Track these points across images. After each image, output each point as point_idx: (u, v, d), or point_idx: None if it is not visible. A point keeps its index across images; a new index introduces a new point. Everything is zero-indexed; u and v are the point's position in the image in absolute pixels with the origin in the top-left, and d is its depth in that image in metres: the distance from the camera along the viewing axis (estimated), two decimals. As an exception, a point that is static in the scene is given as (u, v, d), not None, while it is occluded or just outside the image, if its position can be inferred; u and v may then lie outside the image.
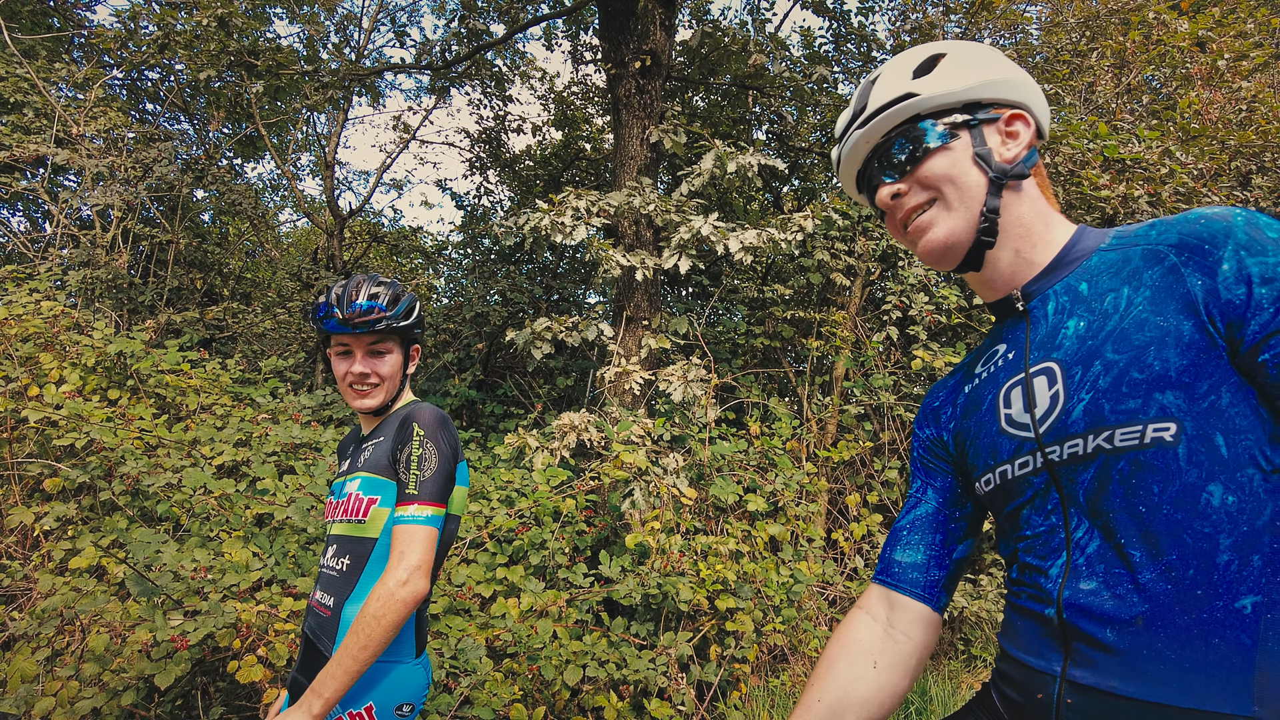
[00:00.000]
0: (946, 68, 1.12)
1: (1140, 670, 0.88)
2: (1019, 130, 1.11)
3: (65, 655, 3.07)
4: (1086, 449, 0.95)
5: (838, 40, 7.15)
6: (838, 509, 5.47)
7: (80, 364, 4.37)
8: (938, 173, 1.09)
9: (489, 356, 7.40)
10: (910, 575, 1.24)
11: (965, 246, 1.11)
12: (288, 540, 3.52)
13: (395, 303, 1.85)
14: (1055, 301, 1.07)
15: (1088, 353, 0.98)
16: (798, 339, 6.24)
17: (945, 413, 1.27)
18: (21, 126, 6.58)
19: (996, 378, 1.14)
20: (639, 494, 4.23)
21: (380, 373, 1.86)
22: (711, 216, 4.59)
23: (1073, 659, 0.95)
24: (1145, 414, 0.90)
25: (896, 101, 1.12)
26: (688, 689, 3.62)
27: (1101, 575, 0.93)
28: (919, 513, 1.28)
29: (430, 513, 1.66)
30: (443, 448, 1.73)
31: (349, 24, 9.35)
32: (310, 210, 10.15)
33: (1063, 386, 1.00)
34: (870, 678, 1.19)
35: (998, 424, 1.10)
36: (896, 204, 1.15)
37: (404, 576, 1.58)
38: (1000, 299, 1.15)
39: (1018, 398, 1.07)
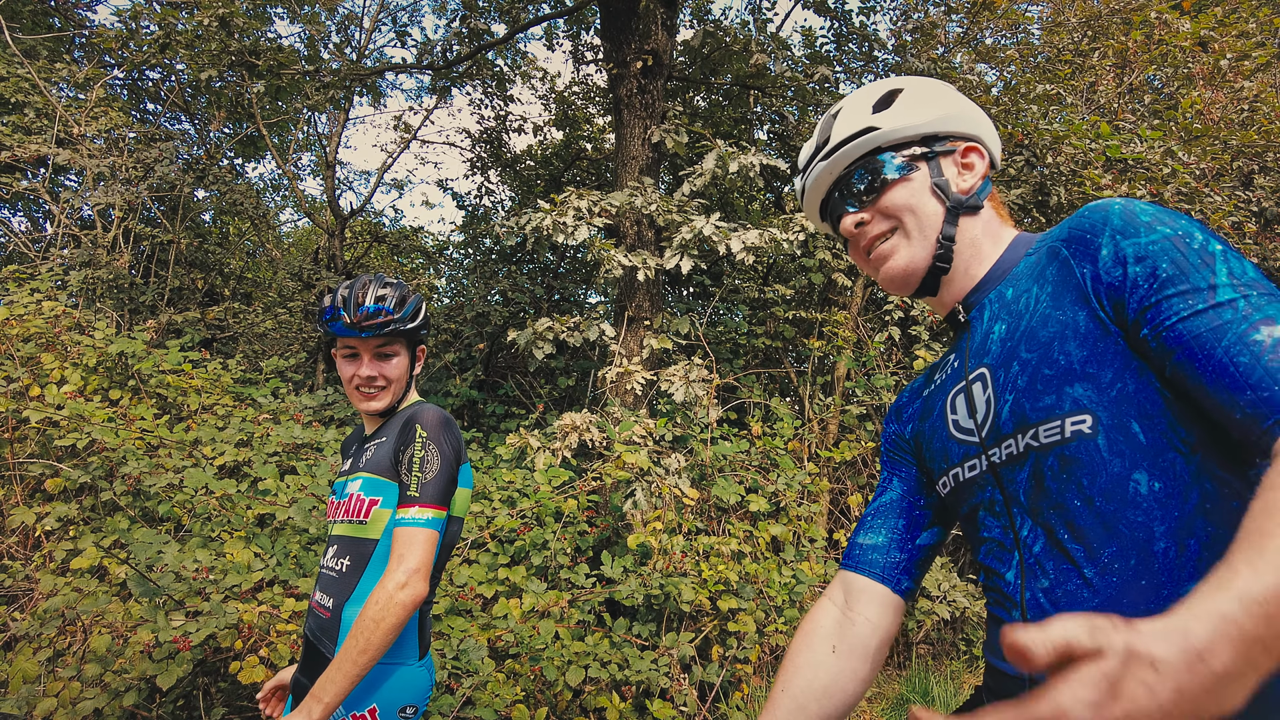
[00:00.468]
0: (905, 102, 1.17)
1: None
2: (974, 162, 1.16)
3: (67, 656, 3.07)
4: (1019, 448, 0.97)
5: (839, 40, 7.14)
6: (839, 509, 5.46)
7: (81, 364, 4.36)
8: (898, 203, 1.14)
9: (490, 356, 7.39)
10: (870, 557, 1.25)
11: (923, 272, 1.15)
12: (289, 541, 3.52)
13: (402, 305, 1.84)
14: (989, 309, 1.10)
15: (1007, 354, 1.01)
16: (799, 339, 6.24)
17: (906, 413, 1.31)
18: (23, 127, 6.58)
19: (945, 385, 1.18)
20: (641, 494, 4.22)
21: (387, 375, 1.85)
22: (713, 216, 4.59)
23: None
24: (1061, 409, 0.92)
25: (858, 135, 1.17)
26: (690, 690, 3.61)
27: (1052, 573, 0.94)
28: (884, 500, 1.31)
29: (431, 515, 1.64)
30: (445, 450, 1.71)
31: (350, 24, 9.35)
32: (311, 210, 10.15)
33: (992, 390, 1.03)
34: (830, 664, 1.20)
35: (947, 430, 1.14)
36: (860, 232, 1.19)
37: (403, 580, 1.57)
38: (948, 314, 1.19)
39: (962, 404, 1.11)
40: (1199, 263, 0.85)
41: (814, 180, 1.25)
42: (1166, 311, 0.84)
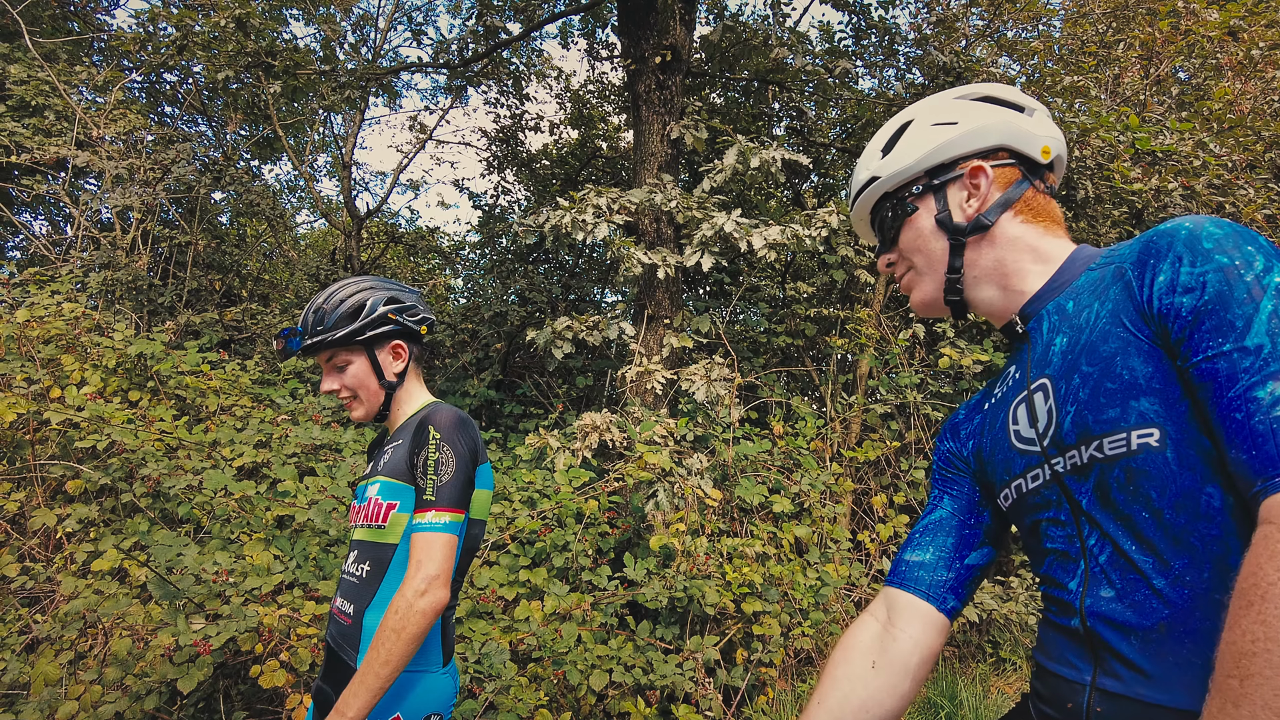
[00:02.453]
0: (908, 139, 1.20)
1: (1167, 677, 0.88)
2: (979, 183, 1.15)
3: (88, 658, 3.05)
4: (1082, 459, 0.97)
5: (858, 34, 7.05)
6: (863, 509, 5.38)
7: (101, 365, 4.36)
8: (908, 244, 1.21)
9: (508, 356, 7.36)
10: (915, 574, 1.24)
11: (939, 303, 1.21)
12: (309, 543, 3.48)
13: (323, 318, 1.77)
14: (1048, 320, 1.10)
15: (1069, 367, 1.01)
16: (820, 337, 6.16)
17: (964, 429, 1.30)
18: (43, 129, 6.61)
19: (1007, 397, 1.17)
20: (663, 495, 4.17)
21: (347, 385, 1.80)
22: (734, 213, 4.52)
23: (1101, 668, 0.96)
24: (1125, 422, 0.92)
25: (865, 187, 1.25)
26: (715, 694, 3.55)
27: (1118, 583, 0.94)
28: (934, 518, 1.30)
29: (449, 519, 1.60)
30: (460, 451, 1.66)
31: (365, 24, 9.35)
32: (327, 211, 10.17)
33: (1054, 400, 1.02)
34: (869, 679, 1.19)
35: (1009, 440, 1.13)
36: (890, 270, 1.29)
37: (422, 587, 1.53)
38: (1005, 325, 1.19)
39: (1023, 414, 1.10)
40: (1244, 298, 0.83)
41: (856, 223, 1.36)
42: (1197, 347, 0.85)
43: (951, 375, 5.54)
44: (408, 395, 1.88)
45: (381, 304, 1.82)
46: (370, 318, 1.79)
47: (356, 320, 1.78)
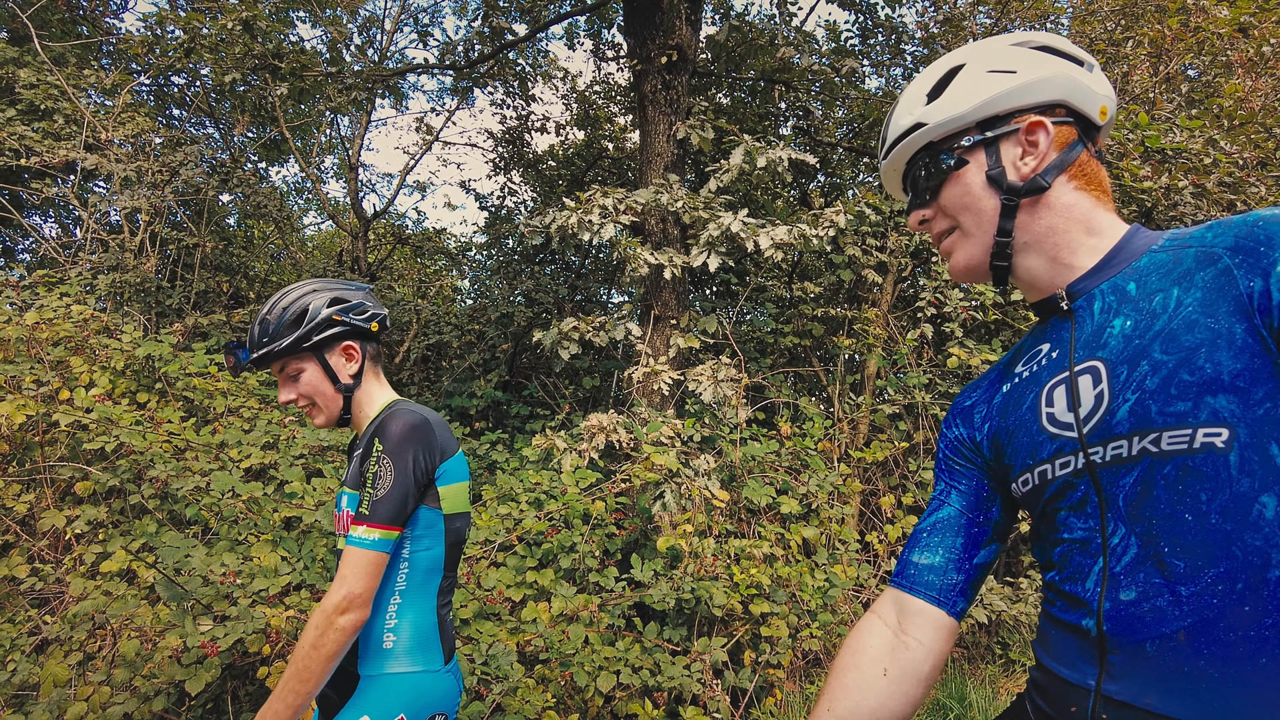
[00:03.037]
0: (960, 84, 1.10)
1: (1180, 688, 0.85)
2: (1038, 139, 1.06)
3: (97, 660, 3.06)
4: (1131, 451, 0.91)
5: (864, 34, 7.03)
6: (871, 510, 5.36)
7: (110, 367, 4.37)
8: (953, 201, 1.12)
9: (514, 357, 7.36)
10: (926, 578, 1.19)
11: (984, 268, 1.12)
12: (316, 544, 3.49)
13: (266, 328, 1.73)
14: (1101, 301, 1.03)
15: (1134, 352, 0.94)
16: (828, 337, 6.14)
17: (979, 412, 1.22)
18: (52, 133, 6.64)
19: (1039, 376, 1.09)
20: (670, 496, 4.15)
21: (303, 393, 1.77)
22: (741, 213, 4.51)
23: (1108, 672, 0.92)
24: (1195, 417, 0.86)
25: (907, 134, 1.14)
26: (722, 696, 3.54)
27: (1141, 585, 0.89)
28: (940, 515, 1.23)
29: (378, 536, 1.56)
30: (403, 464, 1.61)
31: (371, 26, 9.37)
32: (334, 213, 10.19)
33: (1107, 386, 0.96)
34: (880, 687, 1.15)
35: (1038, 422, 1.06)
36: (925, 228, 1.19)
37: (343, 605, 1.50)
38: (1043, 299, 1.12)
39: (1061, 397, 1.03)
40: None
41: (885, 175, 1.24)
42: None
43: (960, 375, 5.51)
44: (368, 397, 1.84)
45: (325, 306, 1.77)
46: (314, 322, 1.74)
47: (301, 326, 1.74)
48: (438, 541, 1.71)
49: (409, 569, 1.68)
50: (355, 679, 1.65)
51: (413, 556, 1.68)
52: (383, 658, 1.65)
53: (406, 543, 1.67)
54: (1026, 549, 5.40)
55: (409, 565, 1.68)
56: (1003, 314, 5.64)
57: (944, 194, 1.12)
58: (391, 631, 1.66)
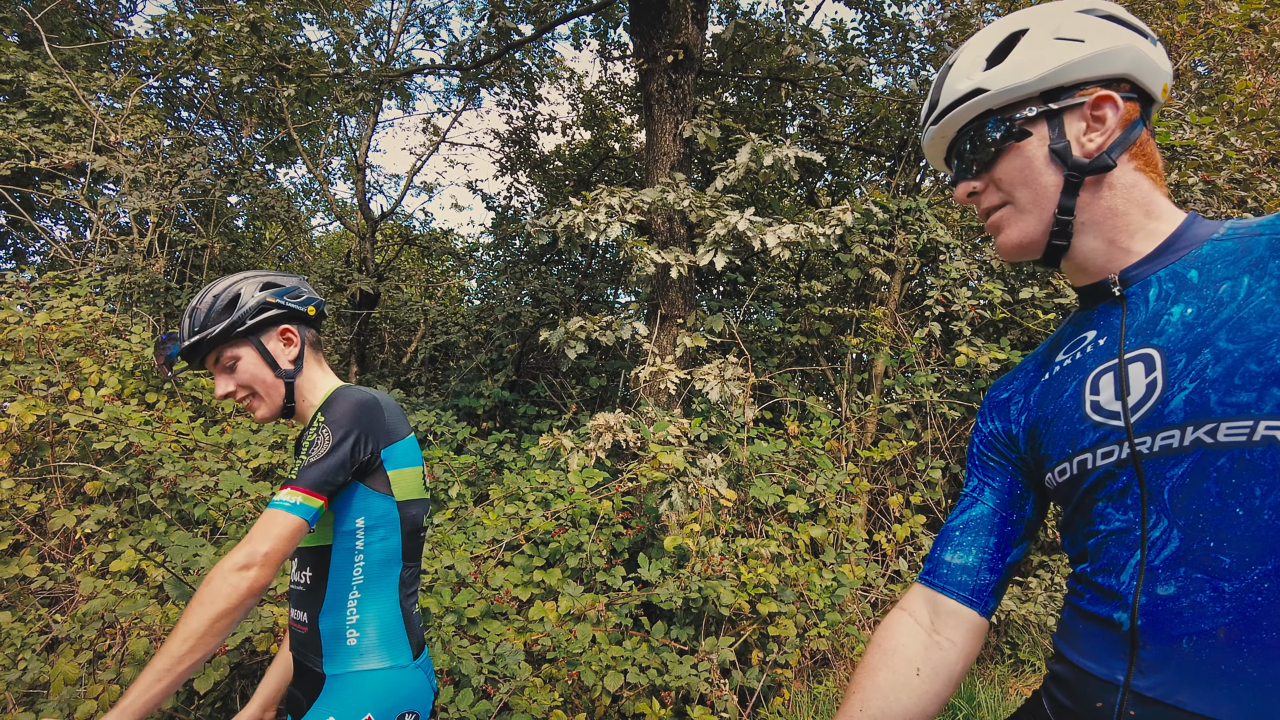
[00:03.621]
0: (1024, 51, 1.03)
1: (1215, 686, 0.82)
2: (1106, 114, 1.01)
3: (107, 658, 3.07)
4: (1183, 442, 0.88)
5: (871, 32, 7.00)
6: (879, 510, 5.34)
7: (119, 368, 4.39)
8: (1010, 175, 1.05)
9: (521, 357, 7.36)
10: (959, 578, 1.18)
11: (1040, 246, 1.06)
12: (324, 543, 3.49)
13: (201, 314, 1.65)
14: (1158, 288, 0.99)
15: (1196, 340, 0.90)
16: (835, 336, 6.12)
17: (1016, 404, 1.18)
18: (62, 135, 6.68)
19: (1084, 364, 1.06)
20: (677, 495, 4.15)
21: (240, 383, 1.69)
22: (748, 211, 4.50)
23: (1138, 668, 0.89)
24: (1259, 409, 0.82)
25: (964, 100, 1.07)
26: (730, 695, 3.53)
27: (1181, 580, 0.86)
28: (974, 513, 1.20)
29: (299, 500, 1.45)
30: (341, 435, 1.54)
31: (378, 27, 9.40)
32: (342, 214, 10.22)
33: (1162, 374, 0.92)
34: (913, 686, 1.14)
35: (1081, 410, 1.03)
36: (974, 201, 1.13)
37: (243, 561, 1.37)
38: (1092, 284, 1.07)
39: (1108, 384, 0.99)
40: None
41: (929, 142, 1.17)
42: None
43: (968, 374, 5.49)
44: (310, 384, 1.77)
45: (257, 290, 1.71)
46: (247, 306, 1.68)
47: (233, 311, 1.67)
48: (393, 531, 1.64)
49: (364, 562, 1.61)
50: (321, 679, 1.59)
51: (368, 549, 1.61)
52: (347, 655, 1.59)
53: (359, 535, 1.61)
54: (1036, 548, 5.37)
55: (364, 558, 1.61)
56: (1010, 312, 5.61)
57: (1000, 166, 1.06)
58: (354, 628, 1.60)
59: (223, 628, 1.35)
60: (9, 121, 6.28)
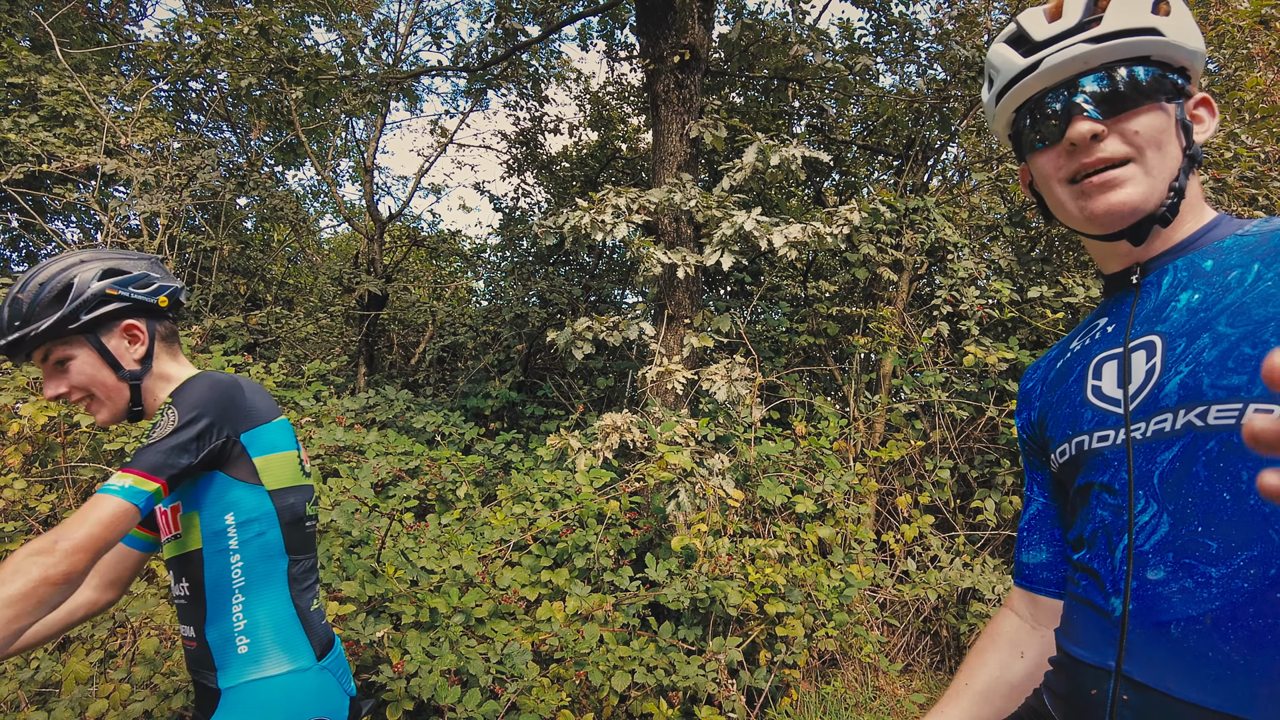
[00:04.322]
0: (1184, 14, 0.98)
1: (1202, 673, 0.82)
2: (1203, 115, 1.02)
3: (118, 658, 3.09)
4: (1174, 425, 0.88)
5: (878, 31, 6.98)
6: (887, 510, 5.32)
7: (129, 369, 4.42)
8: (1150, 131, 0.96)
9: (529, 358, 7.38)
10: (1041, 575, 1.21)
11: (1141, 216, 0.99)
12: (332, 544, 3.51)
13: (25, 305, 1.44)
14: (1172, 275, 0.99)
15: (1196, 325, 0.91)
16: (843, 336, 6.11)
17: (1035, 392, 1.21)
18: (73, 138, 6.73)
19: (1089, 350, 1.07)
20: (684, 496, 4.15)
21: (74, 385, 1.49)
22: (754, 211, 4.49)
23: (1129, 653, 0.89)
24: (1249, 392, 0.81)
25: (1138, 33, 0.96)
26: (738, 695, 3.52)
27: (1170, 565, 0.86)
28: (1033, 511, 1.24)
29: (129, 483, 1.27)
30: (188, 414, 1.37)
31: (385, 29, 9.43)
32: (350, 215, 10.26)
33: (1161, 359, 0.93)
34: (1019, 666, 1.19)
35: (1082, 394, 1.05)
36: (1090, 146, 0.99)
37: (46, 545, 1.19)
38: (1118, 272, 1.07)
39: (1111, 371, 1.01)
40: None
41: (1062, 62, 1.00)
42: None
43: (976, 374, 5.47)
44: (162, 382, 1.58)
45: (95, 279, 1.48)
46: (82, 298, 1.45)
47: (65, 304, 1.44)
48: (270, 524, 1.50)
49: (242, 561, 1.47)
50: (217, 695, 1.45)
51: (242, 546, 1.47)
52: (240, 665, 1.45)
53: (231, 533, 1.46)
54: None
55: (241, 557, 1.47)
56: (1019, 311, 5.58)
57: (1139, 119, 0.97)
58: (243, 634, 1.46)
59: (11, 616, 1.14)
60: (21, 126, 6.33)
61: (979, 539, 5.20)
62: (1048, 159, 1.05)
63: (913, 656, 4.83)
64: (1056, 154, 1.03)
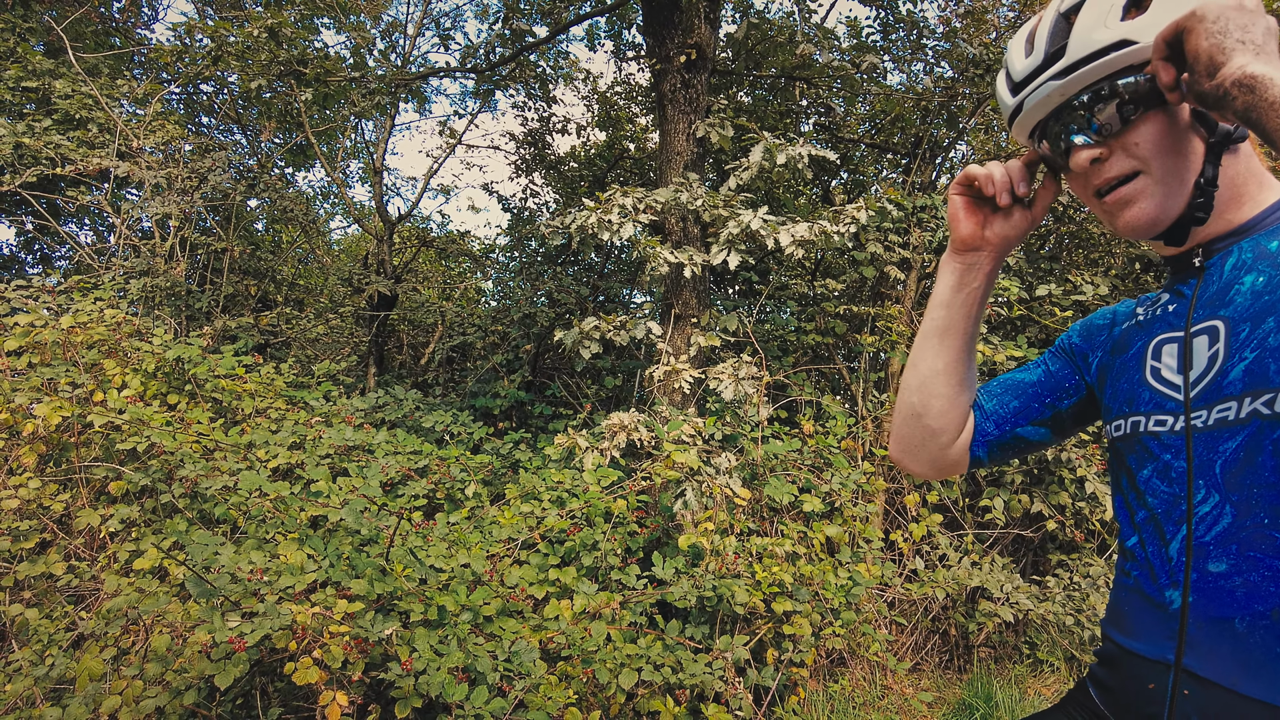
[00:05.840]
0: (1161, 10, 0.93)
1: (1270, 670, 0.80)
2: None
3: (130, 655, 3.13)
4: (1239, 414, 0.86)
5: (885, 29, 6.97)
6: (895, 509, 5.31)
7: (141, 370, 4.47)
8: (1151, 141, 0.94)
9: (537, 357, 7.40)
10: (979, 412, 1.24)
11: (1172, 220, 0.97)
12: (341, 542, 3.53)
13: None
14: (1236, 257, 0.95)
15: (1261, 309, 0.87)
16: (850, 335, 6.10)
17: (1099, 337, 1.18)
18: (86, 142, 6.80)
19: (1151, 327, 1.05)
20: (691, 494, 4.15)
21: None
22: (761, 210, 4.50)
23: (1190, 647, 0.87)
24: None
25: (1108, 51, 0.93)
26: (745, 693, 3.53)
27: (1233, 557, 0.84)
28: (1018, 377, 1.25)
29: None
30: None
31: (394, 31, 9.47)
32: (360, 216, 10.31)
33: (1224, 345, 0.90)
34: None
35: (1141, 374, 1.02)
36: (1094, 170, 0.99)
37: None
38: (1179, 254, 1.04)
39: (1171, 355, 0.98)
40: None
41: (1040, 100, 1.00)
42: None
43: (984, 372, 5.45)
44: None
45: None
46: None
47: None
48: None
49: None
50: None
51: None
52: None
53: None
54: (1055, 547, 5.32)
55: None
56: (1027, 309, 5.56)
57: (1137, 131, 0.94)
58: None
59: None
60: (35, 129, 6.40)
61: (987, 537, 5.19)
62: (1070, 181, 1.06)
63: (921, 655, 4.83)
64: (1073, 177, 1.04)
